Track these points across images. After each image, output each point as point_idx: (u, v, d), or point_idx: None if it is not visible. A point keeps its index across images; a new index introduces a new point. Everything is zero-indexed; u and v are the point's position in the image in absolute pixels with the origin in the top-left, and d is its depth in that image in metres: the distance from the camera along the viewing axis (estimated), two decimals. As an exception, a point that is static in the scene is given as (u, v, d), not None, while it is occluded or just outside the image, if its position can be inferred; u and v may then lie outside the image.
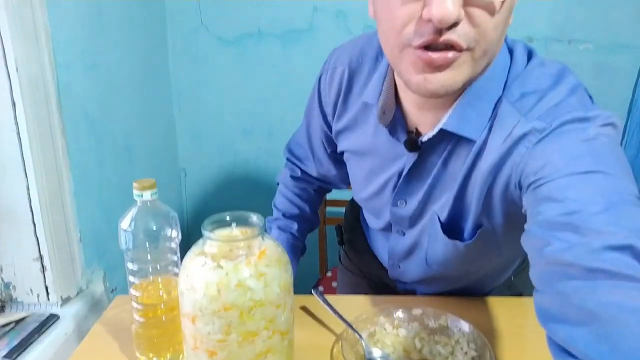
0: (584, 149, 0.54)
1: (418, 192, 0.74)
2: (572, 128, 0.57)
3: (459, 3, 0.49)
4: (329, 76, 0.81)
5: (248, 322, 0.58)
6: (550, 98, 0.61)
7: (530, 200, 0.57)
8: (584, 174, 0.52)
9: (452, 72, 0.54)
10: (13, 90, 0.87)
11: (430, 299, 0.93)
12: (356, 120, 0.78)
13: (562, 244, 0.48)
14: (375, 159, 0.78)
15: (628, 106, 1.68)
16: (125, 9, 1.30)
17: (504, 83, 0.64)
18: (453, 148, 0.68)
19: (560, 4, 1.57)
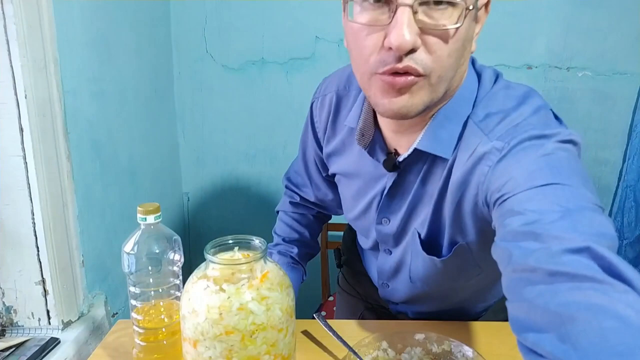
0: (542, 164, 0.57)
1: (400, 210, 0.78)
2: (530, 145, 0.60)
3: (415, 32, 0.55)
4: (319, 103, 0.86)
5: (250, 347, 0.58)
6: (513, 118, 0.64)
7: (497, 216, 0.59)
8: (542, 187, 0.55)
9: (411, 96, 0.60)
10: (21, 117, 0.89)
11: (432, 324, 0.93)
12: (343, 143, 0.83)
13: (524, 251, 0.50)
14: (360, 180, 0.81)
15: (627, 132, 1.69)
16: (132, 37, 1.33)
17: (472, 105, 0.68)
18: (429, 167, 0.72)
19: (558, 31, 1.60)
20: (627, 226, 1.73)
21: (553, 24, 1.59)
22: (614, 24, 1.58)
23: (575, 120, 1.69)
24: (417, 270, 0.81)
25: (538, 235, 0.50)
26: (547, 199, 0.53)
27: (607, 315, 0.42)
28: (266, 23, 1.62)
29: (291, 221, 1.04)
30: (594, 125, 1.69)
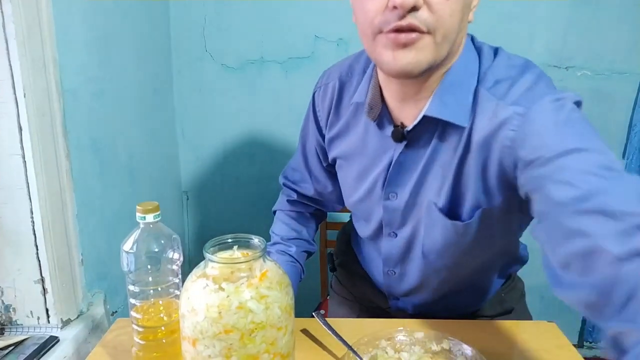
0: (568, 126, 0.62)
1: (408, 182, 0.79)
2: (550, 107, 0.63)
3: None
4: (322, 92, 0.90)
5: (249, 345, 0.58)
6: (521, 84, 0.68)
7: (530, 178, 0.61)
8: (576, 152, 0.58)
9: (416, 52, 0.63)
10: (20, 116, 0.89)
11: (431, 322, 0.93)
12: (347, 125, 0.85)
13: (604, 231, 0.50)
14: (365, 157, 0.83)
15: (626, 131, 1.70)
16: (131, 36, 1.33)
17: (477, 74, 0.71)
18: (441, 136, 0.73)
19: (557, 31, 1.60)
20: (625, 225, 1.73)
21: (552, 23, 1.59)
22: (613, 23, 1.58)
23: (574, 119, 1.69)
24: (434, 241, 0.80)
25: (608, 213, 0.51)
26: (587, 165, 0.56)
27: None
28: (265, 22, 1.61)
29: (289, 220, 1.04)
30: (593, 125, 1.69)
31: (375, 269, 0.98)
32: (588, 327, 1.90)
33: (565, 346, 0.86)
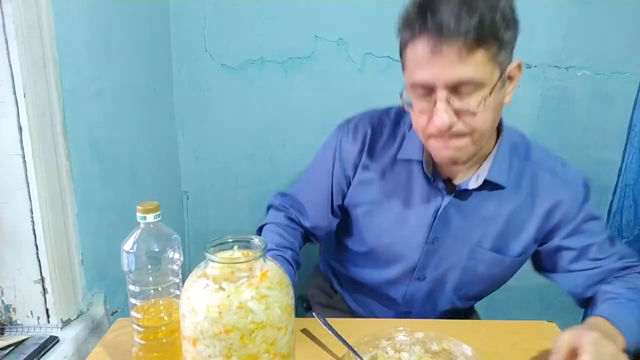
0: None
1: (450, 230, 0.92)
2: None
3: (451, 113, 0.74)
4: (351, 138, 0.97)
5: (249, 345, 0.58)
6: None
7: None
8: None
9: (457, 150, 0.79)
10: (20, 116, 0.88)
11: (431, 322, 0.93)
12: (384, 172, 0.95)
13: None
14: (407, 204, 0.94)
15: (626, 131, 1.70)
16: (131, 36, 1.33)
17: (518, 152, 0.92)
18: (486, 195, 0.90)
19: (557, 30, 1.60)
20: (625, 225, 1.73)
21: (552, 23, 1.59)
22: (613, 23, 1.58)
23: (574, 119, 1.69)
24: (473, 275, 0.96)
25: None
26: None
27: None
28: (265, 22, 1.61)
29: (283, 232, 1.04)
30: (592, 125, 1.69)
31: (382, 311, 1.08)
32: (588, 327, 1.90)
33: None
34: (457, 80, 0.71)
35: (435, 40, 0.69)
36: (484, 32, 0.69)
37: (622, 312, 0.78)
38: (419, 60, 0.73)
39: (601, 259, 0.90)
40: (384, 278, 1.01)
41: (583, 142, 1.72)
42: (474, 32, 0.68)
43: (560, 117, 1.69)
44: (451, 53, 0.69)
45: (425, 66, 0.72)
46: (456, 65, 0.70)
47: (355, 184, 0.97)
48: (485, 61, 0.71)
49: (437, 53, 0.70)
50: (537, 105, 1.68)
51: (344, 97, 1.65)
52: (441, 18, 0.68)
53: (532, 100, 1.67)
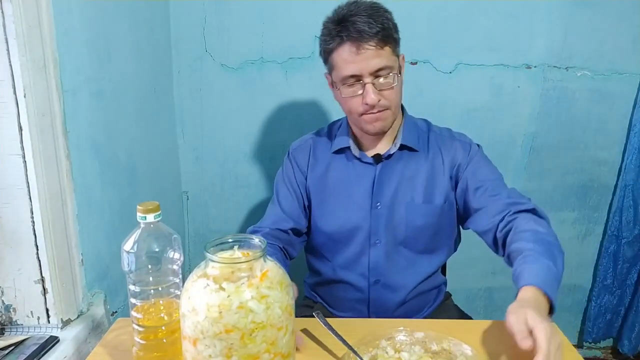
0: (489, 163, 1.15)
1: (387, 192, 1.13)
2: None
3: (376, 92, 1.01)
4: (298, 150, 1.22)
5: (249, 345, 0.59)
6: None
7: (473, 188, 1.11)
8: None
9: (383, 121, 1.06)
10: (20, 116, 0.89)
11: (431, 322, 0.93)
12: (328, 166, 1.18)
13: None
14: (351, 183, 1.15)
15: (626, 131, 1.70)
16: (131, 37, 1.33)
17: (424, 128, 1.18)
18: (406, 159, 1.13)
19: (557, 31, 1.60)
20: (625, 225, 1.73)
21: (552, 23, 1.59)
22: (612, 23, 1.59)
23: (574, 119, 1.69)
24: (415, 227, 1.13)
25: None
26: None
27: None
28: (265, 22, 1.61)
29: (269, 237, 1.15)
30: (592, 125, 1.70)
31: (353, 291, 1.19)
32: (588, 328, 1.90)
33: (565, 346, 0.86)
34: (377, 67, 0.99)
35: (358, 43, 0.98)
36: (386, 33, 0.99)
37: (543, 274, 0.86)
38: (347, 59, 1.00)
39: (494, 195, 1.06)
40: (349, 255, 1.17)
41: (583, 142, 1.72)
42: (382, 33, 0.98)
43: (560, 117, 1.69)
44: (370, 50, 0.98)
45: (352, 62, 1.00)
46: (375, 58, 0.99)
47: (309, 182, 1.19)
48: (390, 53, 1.01)
49: (361, 51, 0.98)
50: (537, 105, 1.68)
51: (344, 97, 1.65)
52: (359, 27, 0.97)
53: (532, 100, 1.67)
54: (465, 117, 1.68)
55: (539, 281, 0.84)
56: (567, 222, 1.82)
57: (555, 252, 0.91)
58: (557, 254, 0.92)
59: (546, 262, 0.87)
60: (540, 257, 0.88)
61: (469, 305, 1.86)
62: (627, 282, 1.82)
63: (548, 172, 1.75)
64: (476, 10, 1.58)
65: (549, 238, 0.94)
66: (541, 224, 0.98)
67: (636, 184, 1.69)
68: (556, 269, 0.88)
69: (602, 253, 1.82)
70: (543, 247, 0.91)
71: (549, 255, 0.89)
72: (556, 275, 0.88)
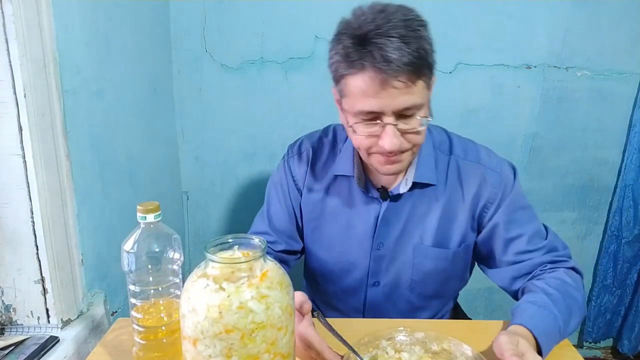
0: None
1: (392, 233, 0.98)
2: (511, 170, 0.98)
3: (398, 135, 0.81)
4: (296, 159, 1.04)
5: (249, 345, 0.58)
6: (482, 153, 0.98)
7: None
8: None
9: (400, 164, 0.87)
10: (20, 116, 0.89)
11: (431, 322, 0.93)
12: (328, 189, 1.01)
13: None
14: (351, 215, 1.00)
15: (626, 131, 1.70)
16: (131, 36, 1.33)
17: (443, 148, 0.98)
18: (418, 195, 0.96)
19: (557, 31, 1.60)
20: (625, 225, 1.73)
21: (552, 23, 1.59)
22: (612, 23, 1.59)
23: (574, 119, 1.69)
24: (423, 272, 0.99)
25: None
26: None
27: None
28: (265, 22, 1.61)
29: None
30: (592, 125, 1.70)
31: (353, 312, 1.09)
32: (588, 328, 1.91)
33: (565, 346, 0.86)
34: (403, 107, 0.79)
35: (383, 76, 0.75)
36: (421, 63, 0.76)
37: (545, 325, 0.79)
38: (366, 92, 0.78)
39: (529, 252, 0.92)
40: (344, 288, 1.06)
41: (583, 142, 1.72)
42: (416, 64, 0.75)
43: (560, 117, 1.69)
44: (399, 85, 0.76)
45: (374, 97, 0.78)
46: (403, 95, 0.77)
47: (304, 201, 1.04)
48: (423, 86, 0.80)
49: (386, 86, 0.76)
50: (537, 105, 1.68)
51: (344, 97, 1.65)
52: (387, 55, 0.74)
53: (532, 100, 1.67)
54: (465, 117, 1.68)
55: (539, 331, 0.77)
56: (567, 222, 1.82)
57: (573, 308, 0.84)
58: (575, 310, 0.84)
59: (555, 313, 0.80)
60: (552, 306, 0.81)
61: (469, 305, 1.86)
62: (627, 282, 1.82)
63: (548, 172, 1.76)
64: (476, 10, 1.58)
65: (574, 292, 0.86)
66: (574, 278, 0.89)
67: (636, 184, 1.69)
68: (562, 326, 0.80)
69: (602, 253, 1.82)
70: (562, 297, 0.83)
71: (563, 308, 0.82)
72: (560, 332, 0.80)
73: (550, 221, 1.79)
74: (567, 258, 0.92)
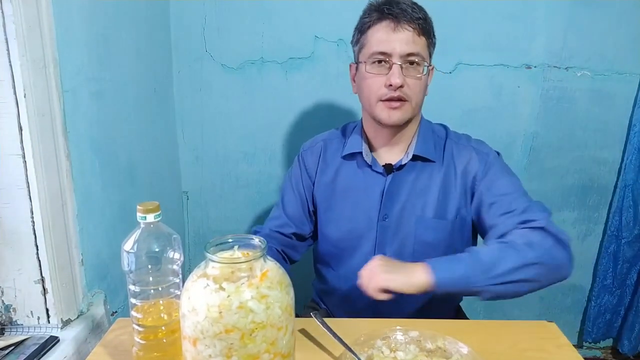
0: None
1: (396, 205, 1.08)
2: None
3: (402, 77, 0.96)
4: (309, 152, 1.19)
5: (249, 345, 0.59)
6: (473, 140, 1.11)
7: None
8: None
9: (401, 112, 1.00)
10: (20, 116, 0.89)
11: (426, 322, 0.93)
12: (337, 171, 1.13)
13: None
14: (359, 191, 1.10)
15: (626, 131, 1.70)
16: (131, 37, 1.33)
17: (441, 135, 1.11)
18: (419, 170, 1.07)
19: (557, 31, 1.60)
20: (625, 225, 1.73)
21: (552, 24, 1.59)
22: (612, 23, 1.59)
23: (574, 119, 1.69)
24: (424, 243, 1.07)
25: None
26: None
27: None
28: (265, 22, 1.61)
29: (268, 239, 1.15)
30: (592, 125, 1.70)
31: (359, 301, 1.09)
32: (588, 328, 1.90)
33: (565, 346, 0.87)
34: (409, 51, 0.96)
35: (397, 21, 0.96)
36: (427, 26, 0.99)
37: (448, 260, 0.91)
38: (381, 36, 0.97)
39: (506, 214, 0.99)
40: (354, 266, 1.06)
41: (583, 142, 1.72)
42: (423, 22, 0.97)
43: (560, 117, 1.69)
44: (407, 32, 0.96)
45: (387, 40, 0.97)
46: (410, 42, 0.96)
47: (317, 187, 1.16)
48: (426, 46, 1.00)
49: (398, 30, 0.96)
50: (537, 105, 1.68)
51: (344, 97, 1.65)
52: (402, 7, 0.96)
53: (532, 100, 1.67)
54: (465, 117, 1.68)
55: (433, 263, 0.89)
56: (567, 222, 1.82)
57: (504, 255, 0.89)
58: (507, 257, 0.88)
59: (464, 258, 0.90)
60: (465, 255, 0.91)
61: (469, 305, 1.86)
62: (627, 282, 1.82)
63: (548, 172, 1.76)
64: (476, 10, 1.58)
65: (517, 245, 0.90)
66: (530, 236, 0.92)
67: (636, 184, 1.69)
68: (470, 262, 0.89)
69: (602, 253, 1.82)
70: (490, 249, 0.92)
71: (483, 255, 0.90)
72: (468, 264, 0.89)
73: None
74: (537, 218, 0.95)
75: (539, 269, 0.88)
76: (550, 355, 0.84)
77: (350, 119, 1.63)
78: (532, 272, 0.88)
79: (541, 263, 0.88)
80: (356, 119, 1.18)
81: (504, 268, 0.87)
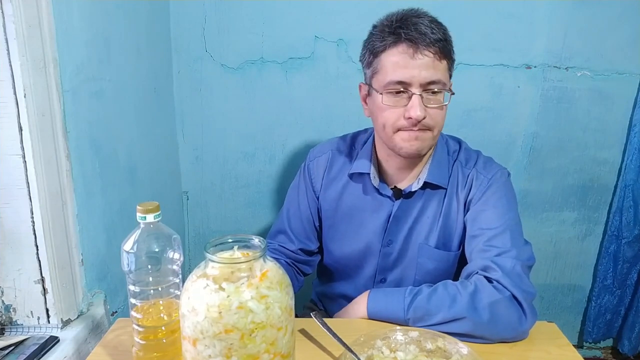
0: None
1: (402, 231, 1.04)
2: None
3: (424, 108, 0.89)
4: (315, 163, 1.13)
5: (249, 345, 0.59)
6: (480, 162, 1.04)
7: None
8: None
9: (422, 142, 0.93)
10: (20, 116, 0.89)
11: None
12: (343, 188, 1.09)
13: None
14: (363, 212, 1.06)
15: (626, 131, 1.70)
16: (131, 37, 1.33)
17: (454, 156, 1.05)
18: (427, 195, 1.03)
19: (557, 31, 1.60)
20: (625, 225, 1.73)
21: (552, 24, 1.59)
22: (613, 24, 1.58)
23: (574, 120, 1.69)
24: (426, 273, 1.04)
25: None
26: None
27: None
28: (265, 22, 1.61)
29: (277, 253, 1.15)
30: (592, 125, 1.69)
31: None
32: (588, 328, 1.91)
33: (565, 346, 0.87)
34: (431, 79, 0.89)
35: (416, 46, 0.87)
36: (447, 46, 0.90)
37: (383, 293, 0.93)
38: (398, 62, 0.89)
39: (484, 252, 0.92)
40: (353, 286, 1.11)
41: (583, 142, 1.72)
42: (443, 44, 0.88)
43: (560, 117, 1.69)
44: (427, 58, 0.88)
45: (404, 68, 0.88)
46: (430, 68, 0.88)
47: (321, 201, 1.12)
48: (447, 69, 0.91)
49: (417, 56, 0.87)
50: (537, 105, 1.68)
51: (344, 97, 1.65)
52: (420, 29, 0.87)
53: (532, 100, 1.67)
54: (465, 117, 1.68)
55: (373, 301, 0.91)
56: (567, 222, 1.82)
57: (444, 302, 0.85)
58: (444, 304, 0.85)
59: (405, 295, 0.89)
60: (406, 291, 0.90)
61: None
62: (627, 282, 1.82)
63: (548, 172, 1.75)
64: (476, 10, 1.58)
65: (465, 290, 0.87)
66: (486, 292, 0.86)
67: (636, 184, 1.69)
68: (411, 301, 0.88)
69: (602, 253, 1.82)
70: (440, 290, 0.88)
71: (428, 295, 0.88)
72: (401, 303, 0.88)
73: (550, 221, 1.80)
74: (500, 268, 0.88)
75: (468, 325, 0.84)
76: (551, 355, 0.84)
77: (350, 119, 1.63)
78: (463, 326, 0.84)
79: (471, 319, 0.84)
80: (356, 119, 1.18)
81: (433, 320, 0.85)
